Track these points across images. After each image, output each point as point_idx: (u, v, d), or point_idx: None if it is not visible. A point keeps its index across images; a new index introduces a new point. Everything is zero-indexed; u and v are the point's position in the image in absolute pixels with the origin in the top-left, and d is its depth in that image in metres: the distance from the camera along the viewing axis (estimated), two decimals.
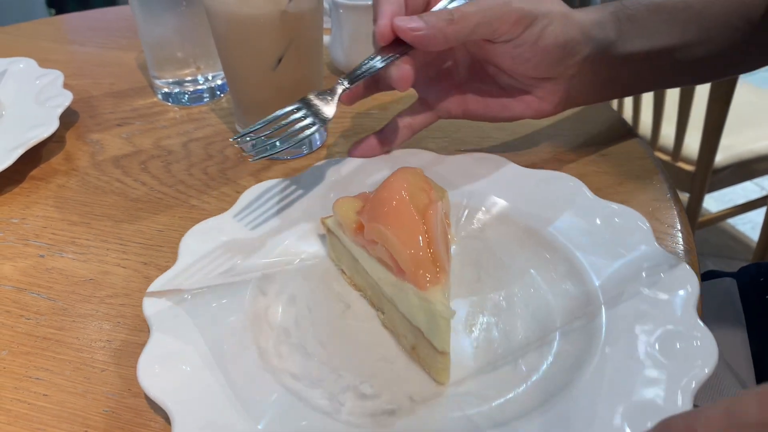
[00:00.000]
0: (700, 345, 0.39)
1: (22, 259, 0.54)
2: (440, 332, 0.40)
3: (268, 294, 0.47)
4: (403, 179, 0.46)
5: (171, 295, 0.45)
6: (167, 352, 0.41)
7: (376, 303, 0.47)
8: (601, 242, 0.48)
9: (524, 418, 0.37)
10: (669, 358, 0.38)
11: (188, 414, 0.37)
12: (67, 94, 0.70)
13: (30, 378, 0.44)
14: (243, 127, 0.67)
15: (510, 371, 0.41)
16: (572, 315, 0.44)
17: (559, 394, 0.38)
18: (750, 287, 0.70)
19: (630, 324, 0.41)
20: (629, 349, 0.40)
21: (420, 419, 0.39)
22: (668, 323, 0.40)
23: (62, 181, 0.64)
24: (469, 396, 0.40)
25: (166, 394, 0.38)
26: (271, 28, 0.58)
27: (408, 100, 0.76)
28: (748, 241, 1.95)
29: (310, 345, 0.44)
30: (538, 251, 0.49)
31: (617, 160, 0.63)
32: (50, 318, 0.48)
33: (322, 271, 0.50)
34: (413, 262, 0.42)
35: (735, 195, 2.07)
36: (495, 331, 0.44)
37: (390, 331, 0.45)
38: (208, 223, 0.51)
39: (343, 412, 0.39)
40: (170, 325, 0.43)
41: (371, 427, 0.38)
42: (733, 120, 1.30)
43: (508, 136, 0.67)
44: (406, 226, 0.43)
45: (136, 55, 0.88)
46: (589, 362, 0.40)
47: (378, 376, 0.42)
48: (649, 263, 0.45)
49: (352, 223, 0.47)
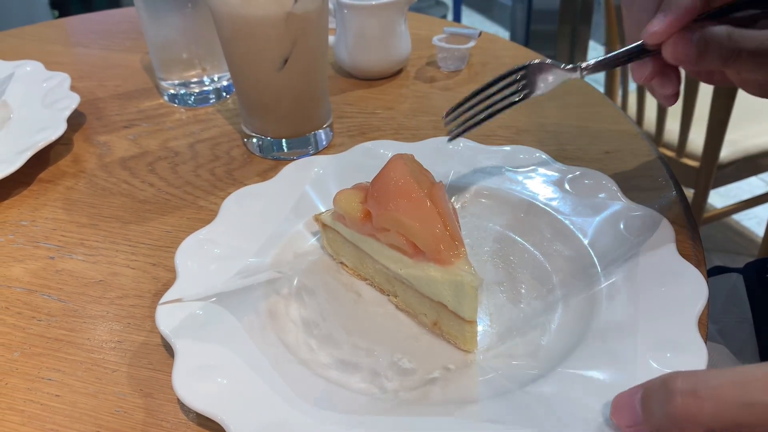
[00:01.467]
0: (687, 281, 0.43)
1: (32, 261, 0.54)
2: (468, 301, 0.42)
3: (281, 292, 0.48)
4: (402, 164, 0.46)
5: (182, 306, 0.45)
6: (199, 363, 0.41)
7: (387, 288, 0.49)
8: (576, 204, 0.53)
9: (556, 368, 0.40)
10: (665, 297, 0.43)
11: (242, 421, 0.37)
12: (74, 96, 0.70)
13: (42, 379, 0.44)
14: (249, 128, 0.67)
15: (528, 329, 0.45)
16: (567, 271, 0.49)
17: (581, 341, 0.42)
18: (756, 282, 0.70)
19: (623, 272, 0.46)
20: (630, 292, 0.44)
21: (461, 385, 0.41)
22: (655, 264, 0.45)
23: (70, 183, 0.64)
24: (498, 358, 0.43)
25: (214, 406, 0.38)
26: (277, 29, 0.58)
27: (412, 101, 0.76)
28: (754, 237, 1.95)
29: (336, 333, 0.45)
30: (520, 218, 0.54)
31: (622, 157, 0.63)
32: (61, 319, 0.49)
33: (323, 266, 0.52)
34: (433, 241, 0.44)
35: (740, 190, 2.07)
36: (502, 296, 0.48)
37: (406, 312, 0.47)
38: (199, 234, 0.51)
39: (389, 389, 0.41)
40: (193, 335, 0.42)
41: (419, 399, 0.40)
42: (738, 115, 1.30)
43: (513, 134, 0.68)
44: (419, 209, 0.44)
45: (142, 57, 0.89)
46: (598, 310, 0.44)
47: (411, 351, 0.44)
48: (624, 216, 0.50)
49: (357, 213, 0.47)
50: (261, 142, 0.66)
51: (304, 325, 0.46)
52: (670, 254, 0.46)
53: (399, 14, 0.77)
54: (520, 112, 0.72)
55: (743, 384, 0.26)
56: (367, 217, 0.47)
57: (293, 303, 0.48)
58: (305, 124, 0.66)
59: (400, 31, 0.78)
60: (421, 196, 0.45)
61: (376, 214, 0.46)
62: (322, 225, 0.51)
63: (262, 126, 0.66)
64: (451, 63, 0.82)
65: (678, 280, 0.43)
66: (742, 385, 0.26)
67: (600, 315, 0.43)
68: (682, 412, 0.27)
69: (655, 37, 0.42)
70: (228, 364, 0.41)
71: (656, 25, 0.41)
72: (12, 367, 0.45)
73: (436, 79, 0.81)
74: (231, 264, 0.49)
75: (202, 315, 0.44)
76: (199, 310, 0.45)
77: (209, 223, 0.52)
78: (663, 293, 0.43)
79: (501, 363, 0.43)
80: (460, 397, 0.40)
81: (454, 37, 0.83)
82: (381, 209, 0.45)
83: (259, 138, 0.66)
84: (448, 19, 3.22)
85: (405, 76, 0.82)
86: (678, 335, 0.40)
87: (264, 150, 0.67)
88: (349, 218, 0.48)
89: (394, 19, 0.77)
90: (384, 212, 0.45)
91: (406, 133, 0.69)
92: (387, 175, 0.46)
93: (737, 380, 0.26)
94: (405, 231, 0.44)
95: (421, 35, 0.90)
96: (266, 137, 0.66)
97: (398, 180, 0.45)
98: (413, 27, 0.87)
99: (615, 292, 0.45)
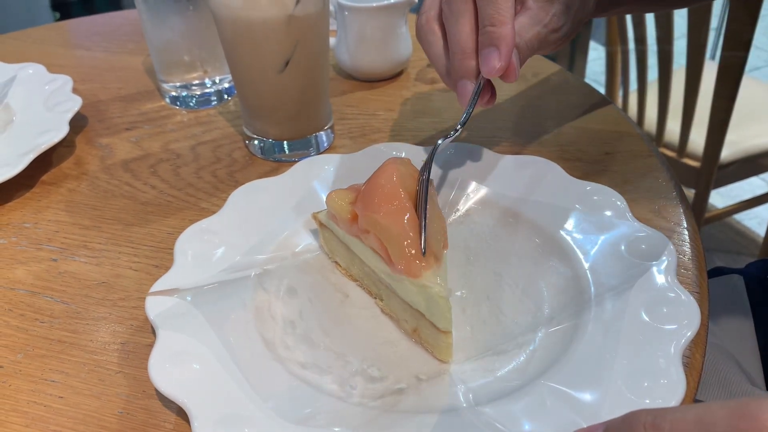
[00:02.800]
0: (683, 308, 0.42)
1: (35, 263, 0.55)
2: (441, 312, 0.41)
3: (268, 289, 0.48)
4: (393, 168, 0.47)
5: (172, 294, 0.46)
6: (176, 350, 0.42)
7: (374, 291, 0.49)
8: (580, 220, 0.51)
9: (526, 387, 0.39)
10: (657, 321, 0.41)
11: (205, 408, 0.38)
12: (76, 99, 0.71)
13: (46, 380, 0.44)
14: (250, 130, 0.67)
15: (507, 345, 0.44)
16: (560, 288, 0.47)
17: (558, 361, 0.41)
18: (757, 283, 0.70)
19: (617, 293, 0.44)
20: (619, 316, 0.42)
21: (428, 396, 0.41)
22: (652, 290, 0.43)
23: (73, 186, 0.64)
24: (473, 371, 0.42)
25: (181, 391, 0.39)
26: (278, 31, 0.58)
27: (413, 103, 0.76)
28: (755, 237, 1.95)
29: (314, 334, 0.46)
30: (520, 231, 0.53)
31: (622, 158, 0.63)
32: (64, 321, 0.49)
33: (317, 264, 0.52)
34: (402, 253, 0.43)
35: (741, 190, 2.07)
36: (486, 309, 0.47)
37: (390, 316, 0.47)
38: (202, 224, 0.52)
39: (354, 396, 0.41)
40: (176, 323, 0.43)
41: (382, 408, 0.40)
42: (739, 115, 1.30)
43: (512, 135, 0.68)
44: (396, 215, 0.44)
45: (143, 59, 0.89)
46: (583, 331, 0.42)
47: (384, 359, 0.44)
48: (628, 237, 0.48)
49: (346, 214, 0.47)
50: (262, 144, 0.67)
51: (285, 322, 0.46)
52: (668, 281, 0.44)
53: (400, 16, 0.77)
54: (520, 113, 0.72)
55: (704, 420, 0.26)
56: (354, 218, 0.47)
57: (279, 300, 0.48)
58: (306, 125, 0.66)
59: (401, 33, 0.78)
60: (403, 204, 0.44)
61: (360, 216, 0.46)
62: (319, 223, 0.52)
63: (263, 128, 0.66)
64: None
65: (671, 308, 0.42)
66: (702, 422, 0.26)
67: (584, 338, 0.42)
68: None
69: (498, 71, 0.47)
70: (203, 354, 0.41)
71: (495, 61, 0.47)
72: (15, 368, 0.45)
73: (436, 81, 0.81)
74: (228, 256, 0.50)
75: (190, 304, 0.45)
76: (189, 298, 0.45)
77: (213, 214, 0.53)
78: (653, 321, 0.41)
79: (474, 376, 0.42)
80: (416, 408, 0.40)
81: None
82: (365, 211, 0.45)
83: (261, 140, 0.67)
84: None
85: (406, 78, 0.82)
86: (658, 365, 0.38)
87: (265, 152, 0.67)
88: (339, 218, 0.48)
89: (395, 21, 0.77)
90: (366, 214, 0.45)
91: (407, 134, 0.69)
92: (376, 178, 0.47)
93: (699, 417, 0.26)
94: (381, 235, 0.44)
95: None
96: (268, 139, 0.66)
97: (384, 185, 0.45)
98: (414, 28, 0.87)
99: (604, 316, 0.43)
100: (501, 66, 0.47)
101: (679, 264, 0.49)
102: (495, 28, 0.47)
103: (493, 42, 0.47)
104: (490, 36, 0.47)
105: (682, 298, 0.42)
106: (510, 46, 0.47)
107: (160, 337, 0.42)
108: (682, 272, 0.49)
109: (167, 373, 0.40)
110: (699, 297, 0.47)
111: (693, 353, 0.42)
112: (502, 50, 0.47)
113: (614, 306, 0.43)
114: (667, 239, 0.47)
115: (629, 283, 0.44)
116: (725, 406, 0.26)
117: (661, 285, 0.44)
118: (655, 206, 0.56)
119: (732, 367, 0.60)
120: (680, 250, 0.51)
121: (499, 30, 0.47)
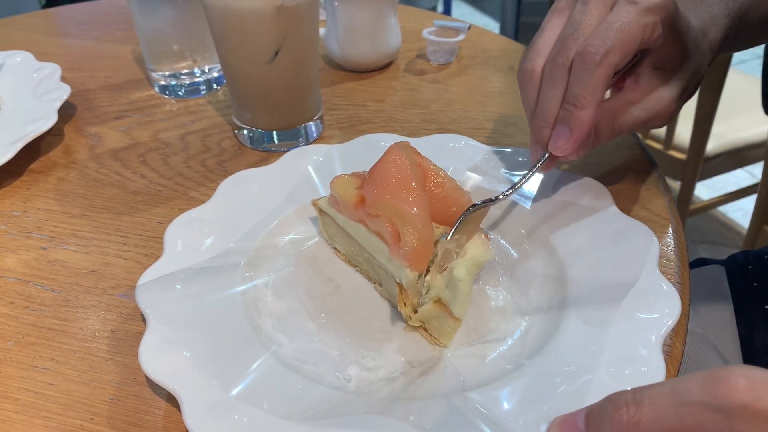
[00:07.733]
0: (665, 298, 0.43)
1: (24, 252, 0.55)
2: (460, 298, 0.42)
3: (257, 277, 0.49)
4: (404, 155, 0.47)
5: (162, 282, 0.46)
6: (166, 337, 0.42)
7: (373, 276, 0.49)
8: (564, 211, 0.52)
9: (513, 373, 0.41)
10: (639, 311, 0.42)
11: (195, 395, 0.38)
12: (65, 87, 0.70)
13: (36, 368, 0.45)
14: (240, 120, 0.67)
15: (495, 333, 0.45)
16: (545, 277, 0.48)
17: (543, 350, 0.42)
18: (738, 274, 0.71)
19: (600, 283, 0.45)
20: (602, 306, 0.44)
21: (420, 382, 0.42)
22: (635, 280, 0.44)
23: (62, 174, 0.64)
24: (464, 357, 0.43)
25: (171, 378, 0.39)
26: (268, 21, 0.58)
27: (402, 94, 0.77)
28: (740, 228, 1.97)
29: (305, 322, 0.46)
30: (506, 221, 0.54)
31: (608, 150, 0.64)
32: (54, 309, 0.49)
33: (308, 253, 0.53)
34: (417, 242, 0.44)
35: (726, 182, 2.09)
36: (474, 296, 0.48)
37: (389, 300, 0.48)
38: (191, 213, 0.52)
39: (350, 387, 0.41)
40: (165, 311, 0.44)
41: (376, 394, 0.41)
42: (725, 108, 1.32)
43: (502, 127, 0.68)
44: (415, 202, 0.44)
45: (132, 48, 0.89)
46: (567, 320, 0.44)
47: (377, 348, 0.44)
48: (612, 228, 0.49)
49: (352, 198, 0.48)
50: (252, 134, 0.67)
51: (275, 311, 0.47)
52: (651, 272, 0.45)
53: (389, 7, 0.77)
54: (508, 105, 0.73)
55: (678, 390, 0.28)
56: (360, 202, 0.47)
57: (269, 288, 0.49)
58: (296, 116, 0.66)
59: (390, 24, 0.79)
60: (420, 191, 0.45)
61: (370, 198, 0.46)
62: (319, 210, 0.52)
63: (252, 118, 0.66)
64: (440, 56, 0.83)
65: (653, 299, 0.43)
66: (677, 391, 0.28)
67: (568, 327, 0.43)
68: (627, 420, 0.29)
69: (563, 152, 0.47)
70: (193, 341, 0.42)
71: (563, 142, 0.47)
72: (6, 356, 0.46)
73: (425, 72, 0.81)
74: (217, 245, 0.50)
75: (179, 292, 0.45)
76: (178, 286, 0.46)
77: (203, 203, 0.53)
78: (634, 311, 0.42)
79: (465, 363, 0.43)
80: (409, 395, 0.41)
81: (444, 30, 0.83)
82: (378, 194, 0.46)
83: (250, 130, 0.67)
84: (438, 11, 3.21)
85: (395, 69, 0.82)
86: (639, 354, 0.39)
87: (255, 141, 0.67)
88: (343, 202, 0.49)
89: (384, 12, 0.77)
90: (380, 197, 0.45)
91: (396, 125, 0.70)
92: (388, 161, 0.47)
93: (674, 387, 0.28)
94: (397, 217, 0.45)
95: (411, 28, 0.90)
96: (257, 129, 0.66)
97: (400, 168, 0.46)
98: (403, 19, 0.88)
99: (587, 305, 0.44)
100: (566, 149, 0.47)
101: (662, 255, 0.50)
102: (575, 109, 0.45)
103: (567, 122, 0.46)
104: (567, 115, 0.46)
105: (664, 288, 0.43)
106: (583, 131, 0.46)
107: (150, 324, 0.43)
108: (665, 263, 0.50)
109: (157, 360, 0.40)
110: (680, 288, 0.48)
111: (673, 342, 0.43)
112: (573, 133, 0.46)
113: (597, 296, 0.44)
114: (651, 231, 0.48)
115: (612, 274, 0.45)
116: (697, 375, 0.28)
117: (644, 276, 0.45)
118: (640, 198, 0.57)
119: (712, 355, 0.61)
120: (663, 241, 0.52)
121: (577, 113, 0.45)
